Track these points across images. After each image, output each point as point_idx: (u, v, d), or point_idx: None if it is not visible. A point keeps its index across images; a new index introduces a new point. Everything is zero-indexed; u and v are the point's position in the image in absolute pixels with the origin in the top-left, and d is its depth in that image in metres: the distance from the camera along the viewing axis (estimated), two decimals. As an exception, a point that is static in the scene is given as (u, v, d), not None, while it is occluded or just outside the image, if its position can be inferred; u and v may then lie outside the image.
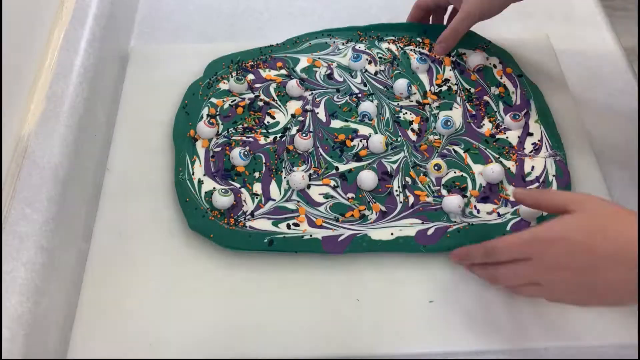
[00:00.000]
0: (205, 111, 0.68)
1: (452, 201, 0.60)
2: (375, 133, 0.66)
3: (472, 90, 0.70)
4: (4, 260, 0.51)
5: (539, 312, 0.56)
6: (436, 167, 0.63)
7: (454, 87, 0.70)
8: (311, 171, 0.63)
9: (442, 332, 0.55)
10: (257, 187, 0.62)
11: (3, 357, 0.47)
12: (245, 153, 0.63)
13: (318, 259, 0.58)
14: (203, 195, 0.61)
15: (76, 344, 0.55)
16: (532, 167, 0.64)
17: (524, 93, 0.70)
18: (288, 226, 0.59)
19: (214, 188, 0.61)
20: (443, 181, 0.63)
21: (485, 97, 0.70)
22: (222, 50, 0.76)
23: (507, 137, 0.66)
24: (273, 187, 0.62)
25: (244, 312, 0.56)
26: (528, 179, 0.63)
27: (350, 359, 0.55)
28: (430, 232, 0.59)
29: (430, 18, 0.76)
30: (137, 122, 0.69)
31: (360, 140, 0.66)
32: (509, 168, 0.64)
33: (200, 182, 0.62)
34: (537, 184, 0.63)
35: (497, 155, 0.65)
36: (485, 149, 0.65)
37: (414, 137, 0.66)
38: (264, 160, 0.64)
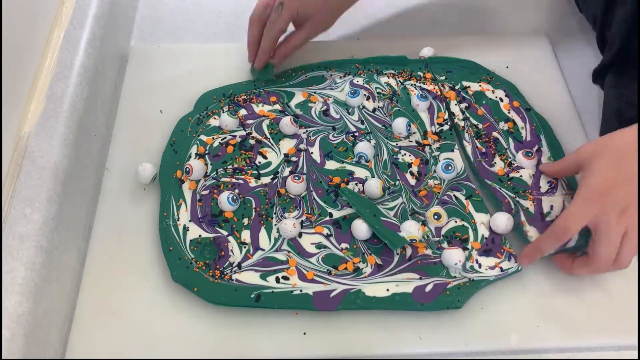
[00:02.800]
0: (193, 149, 0.65)
1: (452, 255, 0.56)
2: (372, 176, 0.63)
3: (480, 126, 0.67)
4: (4, 260, 0.51)
5: (538, 312, 0.56)
6: (436, 217, 0.59)
7: (462, 123, 0.67)
8: (303, 218, 0.60)
9: (443, 332, 0.55)
10: (246, 235, 0.59)
11: (3, 357, 0.47)
12: (234, 197, 0.60)
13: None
14: (188, 243, 0.58)
15: (75, 344, 0.55)
16: (551, 206, 0.60)
17: (533, 128, 0.67)
18: (277, 279, 0.56)
19: (200, 236, 0.59)
20: (443, 231, 0.59)
21: (494, 133, 0.66)
22: (222, 50, 0.77)
23: (521, 176, 0.62)
24: (262, 235, 0.59)
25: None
26: (548, 218, 0.59)
27: (350, 359, 0.55)
28: (428, 288, 0.55)
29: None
30: (137, 122, 0.69)
31: (357, 184, 0.62)
32: (527, 208, 0.60)
33: (185, 228, 0.59)
34: None
35: (513, 195, 0.61)
36: (500, 188, 0.61)
37: (412, 181, 0.63)
38: (253, 205, 0.61)
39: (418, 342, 0.55)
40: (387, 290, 0.56)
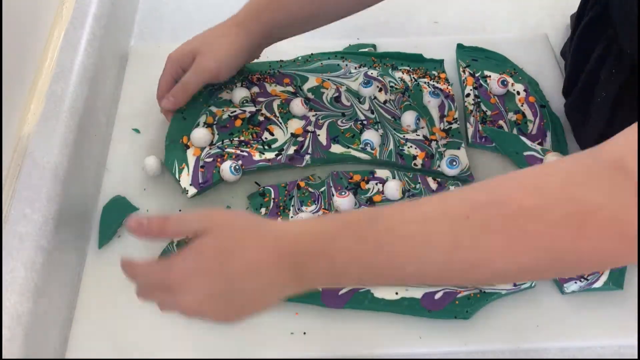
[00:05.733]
0: (202, 119, 0.66)
1: None
2: (393, 177, 0.62)
3: (489, 112, 0.68)
4: (4, 260, 0.51)
5: (539, 312, 0.56)
6: None
7: (471, 107, 0.68)
8: (320, 213, 0.60)
9: (443, 332, 0.55)
10: None
11: (3, 357, 0.47)
12: (237, 167, 0.61)
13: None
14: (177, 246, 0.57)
15: (75, 343, 0.55)
16: None
17: (542, 124, 0.67)
18: None
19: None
20: None
21: (500, 122, 0.67)
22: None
23: None
24: None
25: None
26: None
27: (351, 359, 0.55)
28: (438, 295, 0.55)
29: None
30: (137, 122, 0.69)
31: (377, 184, 0.62)
32: None
33: (184, 191, 0.60)
34: None
35: None
36: None
37: (434, 186, 0.62)
38: (272, 195, 0.61)
39: (418, 342, 0.54)
40: (396, 293, 0.55)
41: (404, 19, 0.82)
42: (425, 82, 0.71)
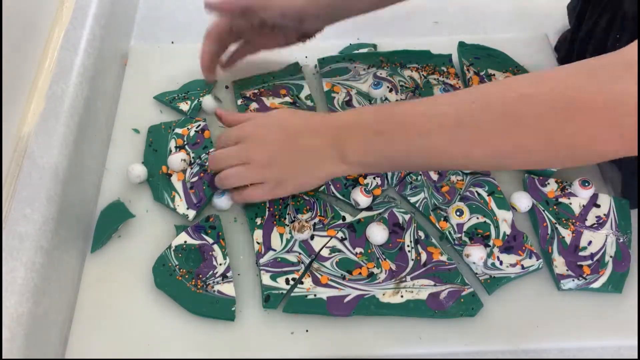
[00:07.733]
0: (172, 144, 0.66)
1: (474, 254, 0.56)
2: None
3: None
4: (4, 260, 0.51)
5: (539, 312, 0.56)
6: (458, 213, 0.59)
7: None
8: (316, 220, 0.60)
9: (442, 333, 0.55)
10: (258, 235, 0.59)
11: (3, 357, 0.47)
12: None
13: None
14: (173, 249, 0.58)
15: (74, 344, 0.55)
16: (590, 242, 0.58)
17: None
18: (287, 281, 0.56)
19: (185, 242, 0.58)
20: (465, 228, 0.59)
21: None
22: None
23: (570, 204, 0.61)
24: (275, 235, 0.59)
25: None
26: (581, 253, 0.58)
27: (351, 359, 0.55)
28: (443, 295, 0.55)
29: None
30: (137, 122, 0.69)
31: (374, 178, 0.63)
32: (564, 237, 0.58)
33: (185, 216, 0.60)
34: (589, 262, 0.57)
35: (554, 221, 0.60)
36: (543, 211, 0.60)
37: (435, 177, 0.63)
38: (267, 205, 0.61)
39: (418, 342, 0.54)
40: (402, 296, 0.55)
41: (405, 19, 0.82)
42: (435, 79, 0.71)
